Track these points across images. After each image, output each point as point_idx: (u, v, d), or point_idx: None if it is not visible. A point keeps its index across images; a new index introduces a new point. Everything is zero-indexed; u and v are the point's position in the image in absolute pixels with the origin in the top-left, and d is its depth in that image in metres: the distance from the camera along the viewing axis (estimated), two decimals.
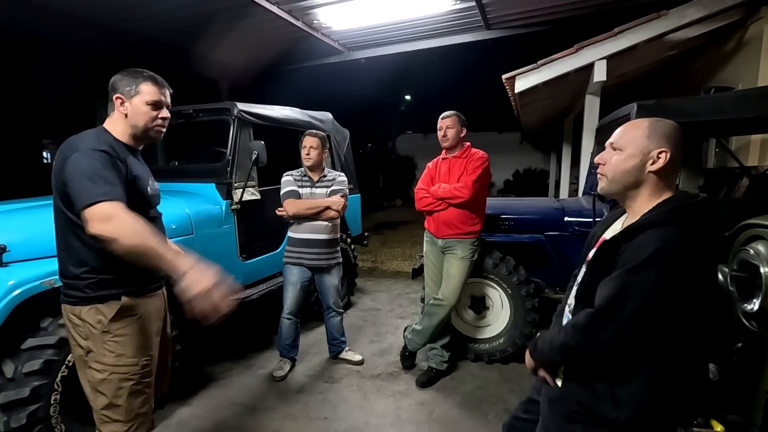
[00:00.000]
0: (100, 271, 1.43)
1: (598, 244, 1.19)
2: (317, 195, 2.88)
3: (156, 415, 2.43)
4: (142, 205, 1.49)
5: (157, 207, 1.69)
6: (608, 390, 1.08)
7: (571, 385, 1.17)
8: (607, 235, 1.21)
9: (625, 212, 1.22)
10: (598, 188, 1.22)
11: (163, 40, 5.97)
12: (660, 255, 1.00)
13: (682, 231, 1.01)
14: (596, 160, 1.22)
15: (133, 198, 1.41)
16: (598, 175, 1.21)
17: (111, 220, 1.25)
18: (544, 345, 1.20)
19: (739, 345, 1.54)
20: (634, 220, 1.12)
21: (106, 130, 1.49)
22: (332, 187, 2.90)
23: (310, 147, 2.85)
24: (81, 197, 1.28)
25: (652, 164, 1.10)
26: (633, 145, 1.13)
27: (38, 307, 1.92)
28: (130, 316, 1.48)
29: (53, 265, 1.50)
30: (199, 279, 1.22)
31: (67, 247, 1.45)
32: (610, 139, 1.20)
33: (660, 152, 1.10)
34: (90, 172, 1.31)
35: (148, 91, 1.48)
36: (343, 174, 3.05)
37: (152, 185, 1.60)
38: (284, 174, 2.92)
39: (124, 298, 1.46)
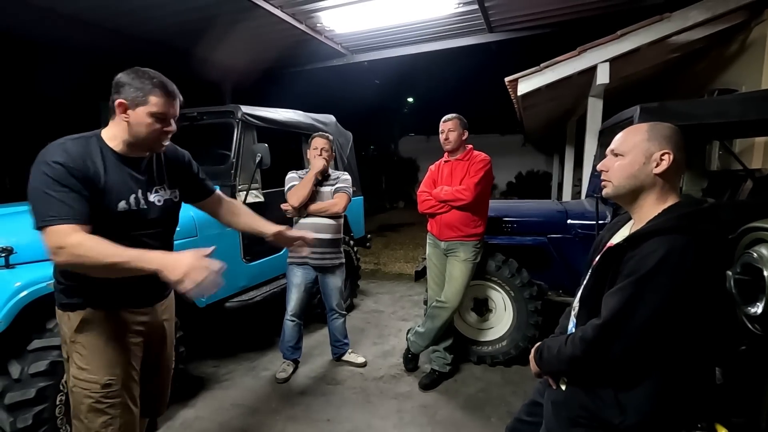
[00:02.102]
0: (68, 277, 1.38)
1: (603, 250, 1.19)
2: (324, 193, 2.89)
3: (159, 416, 2.44)
4: (105, 223, 1.31)
5: (163, 223, 1.51)
6: (613, 396, 1.08)
7: (576, 389, 1.17)
8: (614, 240, 1.21)
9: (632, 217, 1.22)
10: (603, 193, 1.21)
11: (167, 43, 6.01)
12: (666, 264, 0.99)
13: (688, 239, 1.01)
14: (599, 167, 1.21)
15: (100, 216, 1.29)
16: (602, 182, 1.21)
17: (60, 251, 1.18)
18: (551, 356, 1.20)
19: (743, 348, 1.53)
20: (640, 226, 1.11)
21: (96, 137, 1.36)
22: (336, 185, 2.92)
23: (321, 148, 2.87)
24: (34, 216, 1.22)
25: (656, 167, 1.10)
26: (635, 149, 1.13)
27: (44, 309, 1.93)
28: (95, 330, 1.39)
29: None
30: (172, 270, 1.16)
31: None
32: (611, 146, 1.19)
33: (663, 154, 1.10)
34: (40, 187, 1.23)
35: (156, 102, 1.32)
36: (347, 173, 3.07)
37: (140, 199, 1.40)
38: (289, 172, 2.94)
39: (88, 310, 1.38)
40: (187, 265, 1.16)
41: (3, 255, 1.90)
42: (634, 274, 1.03)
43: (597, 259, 1.19)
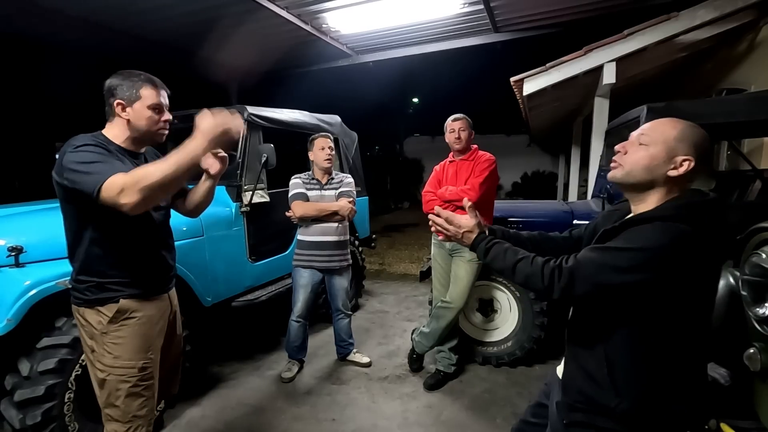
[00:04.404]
0: (98, 274, 1.46)
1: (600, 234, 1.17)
2: (327, 197, 2.90)
3: (166, 414, 2.47)
4: None
5: (165, 208, 1.68)
6: (608, 379, 1.07)
7: (572, 374, 1.17)
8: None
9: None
10: (609, 175, 1.17)
11: (174, 44, 6.05)
12: (658, 247, 0.98)
13: (685, 228, 0.99)
14: (617, 147, 1.17)
15: None
16: (613, 162, 1.16)
17: (123, 189, 1.23)
18: (502, 262, 1.18)
19: (751, 350, 1.52)
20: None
21: (101, 134, 1.49)
22: (340, 189, 2.93)
23: (328, 147, 2.88)
24: (88, 187, 1.27)
25: (673, 169, 1.07)
26: (662, 144, 1.08)
27: (53, 307, 1.95)
28: (128, 318, 1.49)
29: (68, 266, 1.53)
30: (210, 131, 1.30)
31: (70, 251, 1.49)
32: (639, 130, 1.14)
33: (685, 159, 1.06)
34: (85, 160, 1.31)
35: (148, 95, 1.47)
36: (350, 176, 3.08)
37: None
38: (292, 177, 2.95)
39: (122, 301, 1.48)
40: (213, 121, 1.31)
41: (13, 254, 1.92)
42: (618, 244, 1.02)
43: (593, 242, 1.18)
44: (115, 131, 1.50)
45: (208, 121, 1.31)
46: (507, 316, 3.10)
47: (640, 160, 1.09)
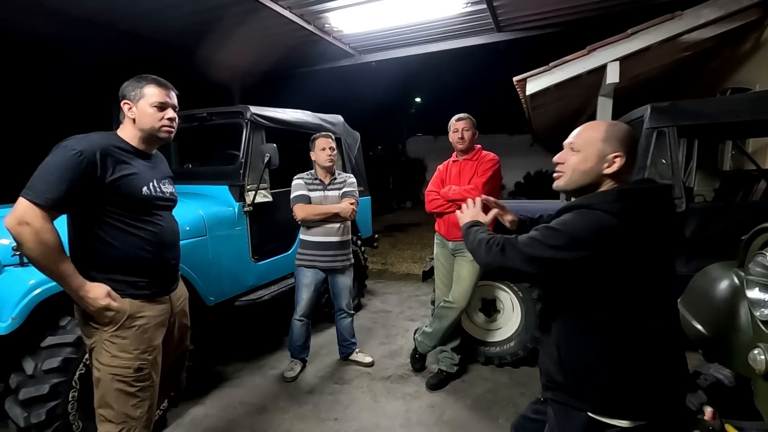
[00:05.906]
0: (99, 274, 1.46)
1: None
2: (331, 198, 2.90)
3: (169, 413, 2.48)
4: (133, 206, 1.49)
5: (170, 211, 1.69)
6: (558, 359, 1.19)
7: (542, 358, 1.30)
8: None
9: None
10: (554, 185, 1.27)
11: (177, 44, 6.07)
12: (574, 232, 1.07)
13: (604, 216, 1.06)
14: (555, 159, 1.27)
15: (117, 197, 1.44)
16: (556, 173, 1.26)
17: (23, 224, 1.28)
18: (467, 239, 1.36)
19: (756, 351, 1.51)
20: None
21: (115, 134, 1.53)
22: (343, 189, 2.93)
23: (329, 147, 2.88)
24: (28, 184, 1.31)
25: (607, 167, 1.15)
26: (590, 147, 1.17)
27: (58, 306, 1.96)
28: (129, 319, 1.49)
29: None
30: (88, 302, 1.41)
31: (72, 250, 1.50)
32: (569, 139, 1.24)
33: (615, 156, 1.14)
34: (48, 165, 1.33)
35: (151, 93, 1.53)
36: (352, 176, 3.08)
37: (156, 187, 1.58)
38: (295, 177, 2.95)
39: (121, 300, 1.48)
40: (93, 306, 1.42)
41: (17, 253, 1.93)
42: (554, 224, 1.12)
43: None
44: (127, 132, 1.56)
45: (94, 305, 1.41)
46: (510, 316, 3.10)
47: (577, 166, 1.19)
